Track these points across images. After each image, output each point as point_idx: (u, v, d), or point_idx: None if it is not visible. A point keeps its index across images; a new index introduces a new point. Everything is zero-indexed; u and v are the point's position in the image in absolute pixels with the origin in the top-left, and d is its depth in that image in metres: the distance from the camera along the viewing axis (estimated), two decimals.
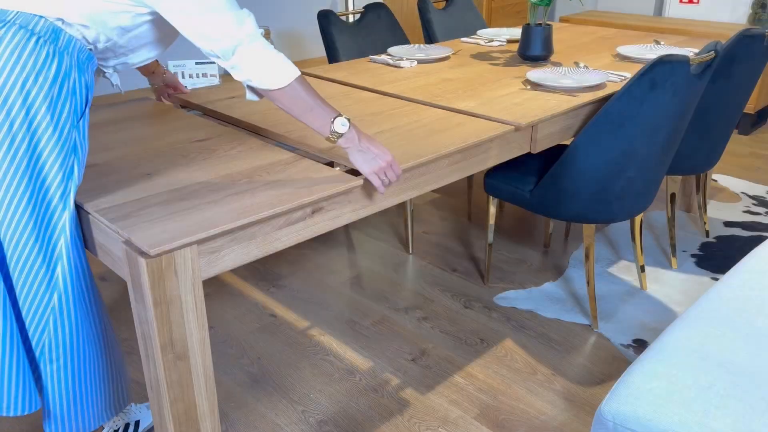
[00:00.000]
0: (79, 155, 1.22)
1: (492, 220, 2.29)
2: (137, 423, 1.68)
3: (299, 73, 1.24)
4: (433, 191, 3.21)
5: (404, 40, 2.95)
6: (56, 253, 1.22)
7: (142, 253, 1.09)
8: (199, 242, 1.14)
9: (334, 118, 1.26)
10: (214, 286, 2.40)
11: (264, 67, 1.21)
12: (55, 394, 1.31)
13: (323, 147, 1.51)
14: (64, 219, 1.21)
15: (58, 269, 1.23)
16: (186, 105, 1.93)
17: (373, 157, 1.31)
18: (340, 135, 1.27)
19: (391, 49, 2.52)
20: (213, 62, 2.91)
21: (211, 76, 2.93)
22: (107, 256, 1.24)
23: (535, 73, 2.12)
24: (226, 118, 1.82)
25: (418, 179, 1.52)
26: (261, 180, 1.35)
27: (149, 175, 1.38)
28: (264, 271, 2.50)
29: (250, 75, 1.22)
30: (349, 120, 1.28)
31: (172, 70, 2.89)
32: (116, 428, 1.65)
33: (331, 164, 1.47)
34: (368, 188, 1.40)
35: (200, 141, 1.59)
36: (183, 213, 1.20)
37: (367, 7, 2.89)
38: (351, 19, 3.12)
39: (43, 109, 1.16)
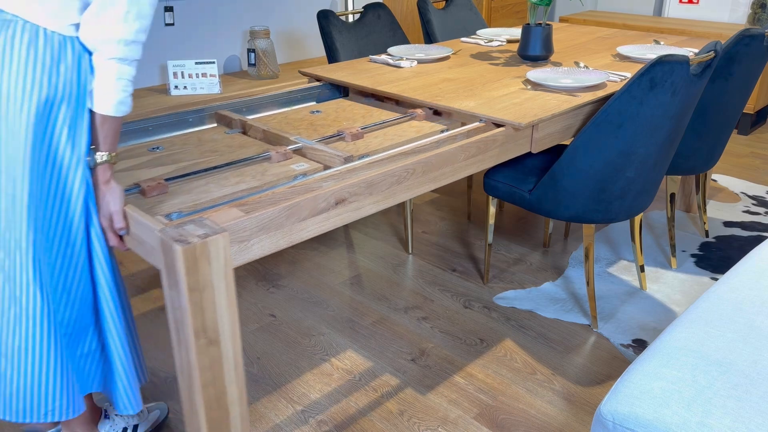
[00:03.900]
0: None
1: (491, 220, 2.29)
2: (136, 427, 1.68)
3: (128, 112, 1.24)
4: (433, 191, 3.21)
5: (404, 40, 2.95)
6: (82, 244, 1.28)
7: (178, 241, 1.12)
8: (230, 231, 1.19)
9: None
10: None
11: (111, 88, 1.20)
12: (120, 374, 1.39)
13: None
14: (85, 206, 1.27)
15: (90, 255, 1.30)
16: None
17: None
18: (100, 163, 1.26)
19: (391, 49, 2.52)
20: (213, 62, 2.91)
21: (211, 76, 2.92)
22: (140, 246, 1.26)
23: (536, 73, 2.12)
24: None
25: (418, 178, 1.53)
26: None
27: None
28: (264, 271, 2.50)
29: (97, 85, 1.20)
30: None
31: (171, 70, 2.89)
32: (115, 430, 1.65)
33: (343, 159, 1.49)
34: (389, 181, 1.46)
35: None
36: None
37: (367, 7, 2.89)
38: (351, 19, 3.12)
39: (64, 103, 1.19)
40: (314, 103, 2.17)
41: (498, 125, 1.77)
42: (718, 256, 2.56)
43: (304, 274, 2.48)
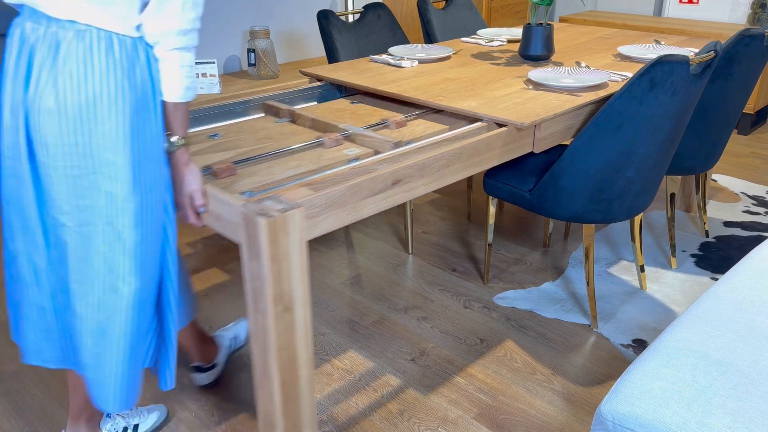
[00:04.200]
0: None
1: (491, 220, 2.29)
2: (136, 426, 1.68)
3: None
4: (433, 191, 3.21)
5: (404, 40, 2.95)
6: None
7: (261, 214, 1.23)
8: (305, 206, 1.30)
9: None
10: (213, 286, 2.40)
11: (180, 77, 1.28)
12: (171, 351, 1.46)
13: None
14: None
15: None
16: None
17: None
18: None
19: (392, 49, 2.52)
20: (213, 62, 2.91)
21: (211, 76, 2.92)
22: (217, 222, 1.36)
23: (537, 73, 2.12)
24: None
25: (463, 163, 1.61)
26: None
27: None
28: None
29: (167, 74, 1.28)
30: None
31: None
32: (116, 430, 1.65)
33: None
34: (439, 164, 1.57)
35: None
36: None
37: (367, 7, 2.89)
38: (351, 19, 3.12)
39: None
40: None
41: (500, 125, 1.77)
42: (718, 256, 2.56)
43: None
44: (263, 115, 1.98)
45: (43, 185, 1.27)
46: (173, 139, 1.32)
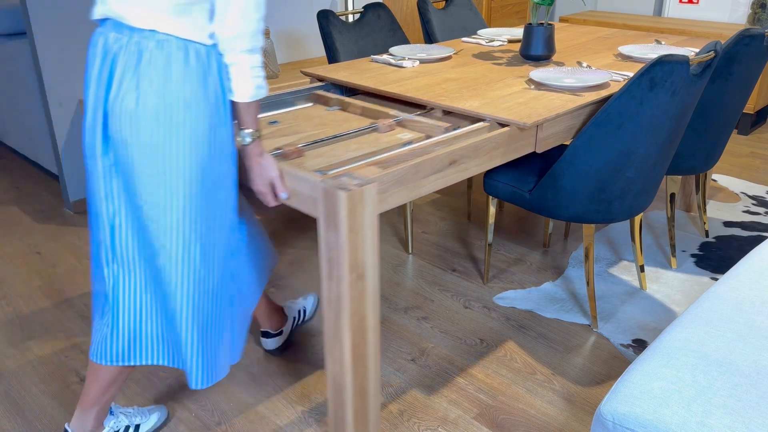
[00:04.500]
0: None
1: (491, 220, 2.29)
2: (137, 426, 1.68)
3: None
4: (433, 191, 3.21)
5: (404, 40, 2.95)
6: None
7: (341, 188, 1.34)
8: (378, 182, 1.42)
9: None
10: None
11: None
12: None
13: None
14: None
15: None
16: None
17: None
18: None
19: (393, 49, 2.52)
20: None
21: None
22: (294, 198, 1.48)
23: (539, 73, 2.11)
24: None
25: (508, 146, 1.69)
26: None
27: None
28: None
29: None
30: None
31: None
32: (117, 429, 1.65)
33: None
34: (490, 146, 1.70)
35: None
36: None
37: (367, 7, 2.89)
38: (350, 19, 3.12)
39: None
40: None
41: (502, 125, 1.77)
42: (718, 256, 2.56)
43: (303, 273, 2.48)
44: (312, 104, 2.09)
45: (122, 181, 1.38)
46: (247, 132, 1.41)
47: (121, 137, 1.33)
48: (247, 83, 1.36)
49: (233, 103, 1.39)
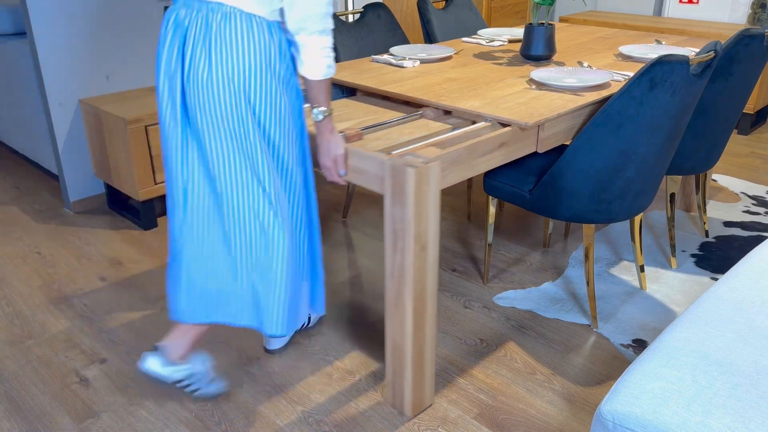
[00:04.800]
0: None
1: (491, 220, 2.29)
2: (195, 389, 1.81)
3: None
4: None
5: (404, 40, 2.95)
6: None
7: (409, 165, 1.46)
8: (440, 160, 1.54)
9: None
10: None
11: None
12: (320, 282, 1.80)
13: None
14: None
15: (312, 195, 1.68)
16: None
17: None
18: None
19: (394, 49, 2.52)
20: None
21: None
22: (359, 176, 1.61)
23: (540, 73, 2.11)
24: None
25: (541, 134, 1.79)
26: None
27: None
28: None
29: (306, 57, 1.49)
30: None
31: None
32: (179, 377, 1.73)
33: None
34: (534, 130, 1.83)
35: None
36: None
37: (367, 7, 2.89)
38: (350, 19, 3.12)
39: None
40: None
41: (504, 125, 1.77)
42: (718, 256, 2.56)
43: None
44: (356, 94, 2.20)
45: (198, 144, 1.50)
46: (320, 110, 1.54)
47: (194, 106, 1.45)
48: (319, 62, 1.47)
49: (306, 82, 1.51)
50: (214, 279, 1.60)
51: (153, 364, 1.69)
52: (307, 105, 1.87)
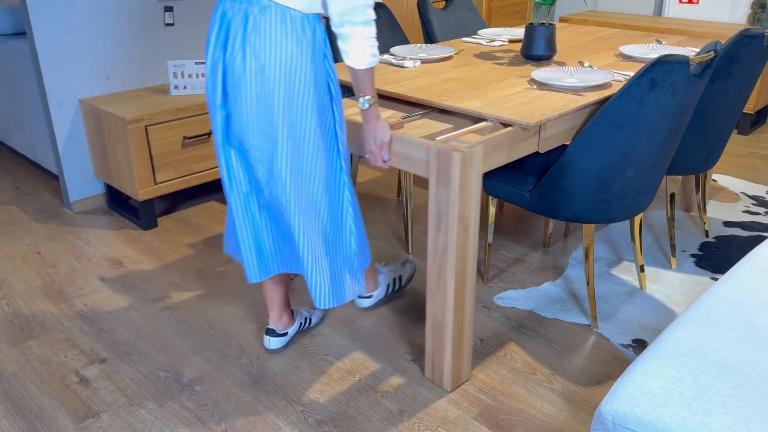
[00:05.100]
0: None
1: (491, 220, 2.29)
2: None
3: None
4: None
5: (404, 40, 2.95)
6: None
7: (455, 150, 1.56)
8: (483, 145, 1.63)
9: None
10: (213, 286, 2.40)
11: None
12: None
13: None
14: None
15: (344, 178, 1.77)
16: None
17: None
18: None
19: (394, 49, 2.52)
20: None
21: None
22: (404, 161, 1.70)
23: (541, 73, 2.11)
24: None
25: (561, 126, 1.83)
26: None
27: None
28: None
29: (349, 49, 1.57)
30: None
31: (171, 70, 2.88)
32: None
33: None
34: (563, 120, 1.89)
35: None
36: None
37: None
38: None
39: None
40: None
41: (505, 125, 1.77)
42: (718, 256, 2.56)
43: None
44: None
45: (236, 129, 1.63)
46: (365, 98, 1.62)
47: (233, 92, 1.57)
48: (364, 52, 1.55)
49: (352, 72, 1.59)
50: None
51: (364, 303, 2.18)
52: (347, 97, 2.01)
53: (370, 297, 2.20)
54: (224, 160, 1.70)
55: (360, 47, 1.54)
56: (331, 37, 2.65)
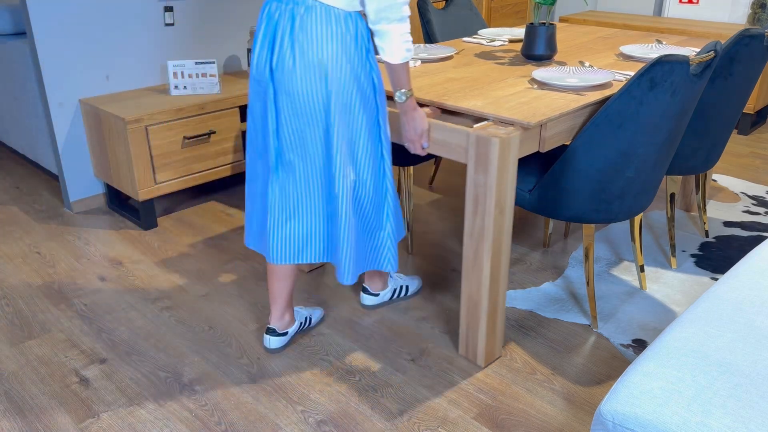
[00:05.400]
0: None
1: None
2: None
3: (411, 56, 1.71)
4: (434, 191, 3.21)
5: None
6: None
7: (494, 136, 1.64)
8: (520, 132, 1.71)
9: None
10: (213, 286, 2.40)
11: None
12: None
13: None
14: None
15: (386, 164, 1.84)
16: None
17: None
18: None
19: None
20: (213, 62, 2.90)
21: (211, 76, 2.92)
22: (443, 148, 1.79)
23: (542, 72, 2.11)
24: None
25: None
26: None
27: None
28: (264, 271, 2.50)
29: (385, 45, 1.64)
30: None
31: (171, 70, 2.88)
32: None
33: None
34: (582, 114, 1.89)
35: None
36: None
37: None
38: None
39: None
40: None
41: (506, 124, 1.77)
42: (718, 256, 2.56)
43: (303, 274, 2.48)
44: None
45: (283, 122, 1.71)
46: (402, 91, 1.71)
47: (284, 88, 1.65)
48: (399, 48, 1.63)
49: (388, 66, 1.67)
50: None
51: (369, 300, 2.23)
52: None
53: (376, 295, 2.23)
54: (275, 150, 1.75)
55: (396, 43, 1.62)
56: None
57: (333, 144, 1.70)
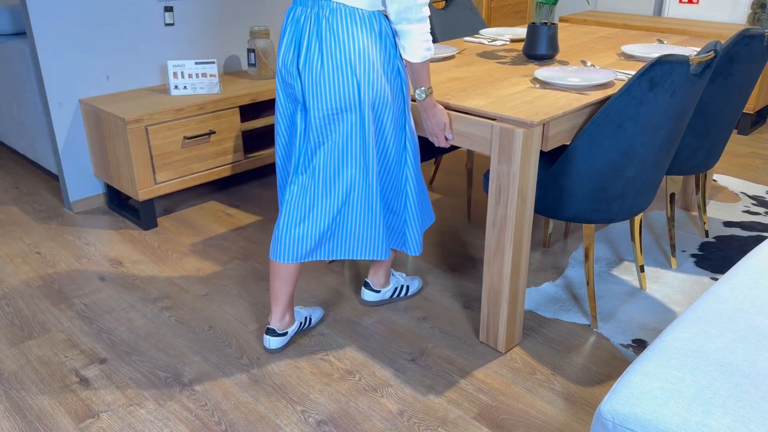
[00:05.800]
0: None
1: None
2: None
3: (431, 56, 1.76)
4: (433, 191, 3.21)
5: None
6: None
7: (518, 127, 1.70)
8: (542, 124, 1.75)
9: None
10: (213, 286, 2.40)
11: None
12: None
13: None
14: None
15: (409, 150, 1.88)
16: None
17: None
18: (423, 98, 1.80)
19: None
20: (213, 62, 2.90)
21: (211, 76, 2.92)
22: (466, 139, 1.85)
23: (544, 72, 2.11)
24: None
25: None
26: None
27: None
28: (264, 271, 2.50)
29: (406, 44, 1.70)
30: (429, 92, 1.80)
31: (171, 70, 2.88)
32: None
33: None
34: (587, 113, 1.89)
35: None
36: None
37: None
38: None
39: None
40: None
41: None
42: (718, 256, 2.56)
43: (304, 274, 2.48)
44: None
45: (310, 121, 1.74)
46: (422, 89, 1.76)
47: (308, 91, 1.70)
48: (420, 47, 1.68)
49: (408, 65, 1.72)
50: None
51: (369, 296, 2.24)
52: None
53: (378, 292, 2.23)
54: (301, 147, 1.79)
55: (416, 42, 1.67)
56: None
57: (366, 136, 1.74)
